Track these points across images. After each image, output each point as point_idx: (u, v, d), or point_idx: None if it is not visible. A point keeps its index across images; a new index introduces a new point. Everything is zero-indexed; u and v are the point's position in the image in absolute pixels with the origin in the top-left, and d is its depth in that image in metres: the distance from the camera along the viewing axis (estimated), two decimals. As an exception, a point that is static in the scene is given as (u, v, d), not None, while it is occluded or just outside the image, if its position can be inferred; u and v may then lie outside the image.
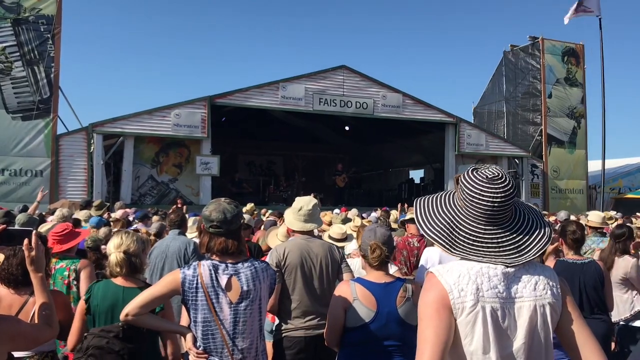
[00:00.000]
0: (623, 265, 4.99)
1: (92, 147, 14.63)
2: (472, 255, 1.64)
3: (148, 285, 3.12)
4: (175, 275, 2.63)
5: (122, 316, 2.58)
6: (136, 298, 2.61)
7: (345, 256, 4.19)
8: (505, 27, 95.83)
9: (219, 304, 2.56)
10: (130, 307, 2.57)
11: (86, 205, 10.01)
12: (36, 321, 2.31)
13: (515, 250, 1.63)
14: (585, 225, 6.13)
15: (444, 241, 1.66)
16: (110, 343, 2.72)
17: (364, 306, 2.89)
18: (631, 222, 10.46)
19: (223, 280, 2.59)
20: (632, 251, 5.31)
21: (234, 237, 2.69)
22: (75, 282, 3.93)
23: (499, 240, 1.64)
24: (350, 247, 5.33)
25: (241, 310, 2.59)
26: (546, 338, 1.63)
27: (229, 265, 2.63)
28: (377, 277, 2.96)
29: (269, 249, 4.44)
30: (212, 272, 2.59)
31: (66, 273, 3.94)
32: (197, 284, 2.56)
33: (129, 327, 2.76)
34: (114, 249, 3.02)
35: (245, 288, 2.60)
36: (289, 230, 4.02)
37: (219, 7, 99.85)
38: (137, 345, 2.82)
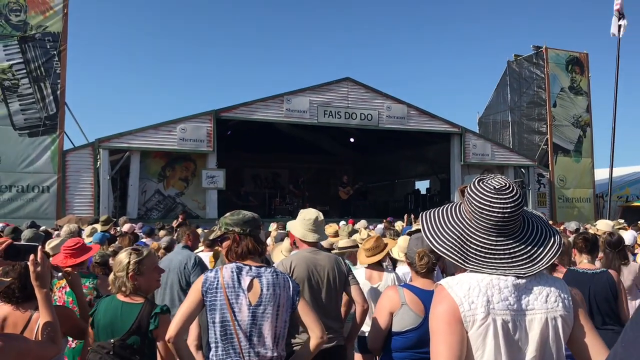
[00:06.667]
0: (632, 270, 4.96)
1: (98, 163, 14.70)
2: (485, 267, 1.61)
3: (149, 300, 3.10)
4: (199, 279, 2.66)
5: (167, 339, 2.54)
6: (174, 318, 2.58)
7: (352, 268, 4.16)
8: (508, 37, 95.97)
9: (238, 304, 2.58)
10: (171, 328, 2.54)
11: (94, 222, 10.08)
12: (39, 338, 2.30)
13: (528, 261, 1.61)
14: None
15: (456, 255, 1.64)
16: (102, 359, 2.75)
17: (412, 311, 2.89)
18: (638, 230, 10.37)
19: (246, 281, 2.62)
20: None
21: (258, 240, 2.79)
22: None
23: (511, 251, 1.62)
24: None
25: (259, 313, 2.59)
26: (558, 351, 1.60)
27: (252, 267, 2.68)
28: (424, 284, 2.98)
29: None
30: (235, 274, 2.62)
31: (86, 291, 3.81)
32: (217, 284, 2.59)
33: (121, 345, 2.77)
34: (116, 269, 2.99)
35: (265, 291, 2.62)
36: (292, 240, 3.99)
37: (222, 22, 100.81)
38: None
